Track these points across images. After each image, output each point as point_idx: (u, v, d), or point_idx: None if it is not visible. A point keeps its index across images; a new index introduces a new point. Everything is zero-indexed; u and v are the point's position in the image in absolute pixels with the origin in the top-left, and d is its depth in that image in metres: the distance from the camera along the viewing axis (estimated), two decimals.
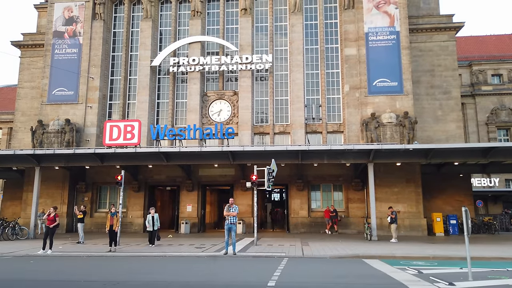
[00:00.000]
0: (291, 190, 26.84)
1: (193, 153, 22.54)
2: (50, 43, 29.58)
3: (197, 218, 27.11)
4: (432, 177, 26.45)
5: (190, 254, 15.39)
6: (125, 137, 23.06)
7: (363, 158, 22.08)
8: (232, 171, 26.75)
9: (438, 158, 22.48)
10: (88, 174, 28.13)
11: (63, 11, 29.93)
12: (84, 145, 27.56)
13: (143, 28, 29.88)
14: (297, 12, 28.75)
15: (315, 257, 14.72)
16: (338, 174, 26.27)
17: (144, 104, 28.76)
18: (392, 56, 26.82)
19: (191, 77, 28.79)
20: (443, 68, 29.80)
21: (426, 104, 29.31)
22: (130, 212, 27.53)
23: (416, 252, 15.50)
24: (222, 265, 13.13)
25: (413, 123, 25.52)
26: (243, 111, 27.92)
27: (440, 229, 24.40)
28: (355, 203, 26.19)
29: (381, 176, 24.44)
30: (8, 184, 31.17)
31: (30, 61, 32.60)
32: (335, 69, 28.70)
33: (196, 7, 29.48)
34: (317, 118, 28.04)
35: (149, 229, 18.14)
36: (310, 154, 22.54)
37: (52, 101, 28.83)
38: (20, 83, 32.68)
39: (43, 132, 27.90)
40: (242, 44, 28.77)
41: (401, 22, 27.14)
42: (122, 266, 13.15)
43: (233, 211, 15.18)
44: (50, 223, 16.46)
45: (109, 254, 15.68)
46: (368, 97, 26.60)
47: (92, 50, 29.40)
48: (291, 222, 26.55)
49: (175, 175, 27.14)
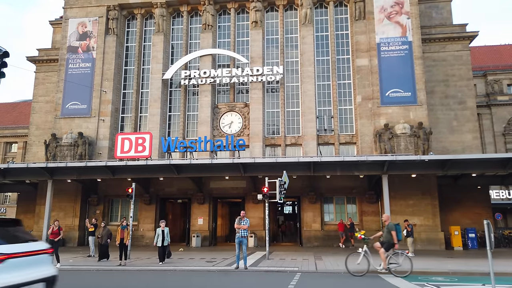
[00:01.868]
0: (303, 203, 26.40)
1: (204, 165, 22.39)
2: (64, 58, 30.10)
3: (208, 231, 26.82)
4: (449, 189, 25.75)
5: (201, 269, 15.07)
6: (136, 149, 23.11)
7: (377, 169, 21.59)
8: (244, 183, 26.49)
9: (455, 169, 21.85)
10: (100, 187, 28.18)
11: (77, 26, 30.51)
12: (97, 158, 27.69)
13: (155, 42, 30.21)
14: (307, 24, 28.74)
15: (329, 272, 14.26)
16: (351, 186, 25.77)
17: (155, 117, 28.88)
18: (405, 66, 26.48)
19: (202, 90, 28.87)
20: (457, 78, 29.30)
21: (441, 114, 28.76)
22: (142, 225, 27.39)
23: (434, 267, 14.90)
24: (233, 280, 12.79)
25: (427, 134, 24.99)
26: (254, 123, 27.79)
27: (459, 243, 23.61)
28: (369, 216, 25.59)
29: (396, 188, 23.87)
30: (21, 197, 31.45)
31: (45, 76, 33.20)
32: (347, 80, 28.46)
33: (207, 21, 29.74)
34: (329, 130, 27.72)
35: (159, 245, 16.42)
36: (322, 166, 22.17)
37: (65, 115, 29.17)
38: (35, 98, 33.25)
39: (57, 146, 28.17)
40: (253, 56, 28.82)
41: (413, 32, 26.86)
42: (131, 281, 12.92)
43: (244, 224, 14.87)
44: (55, 236, 16.38)
45: (119, 268, 15.48)
46: (381, 107, 26.23)
47: (105, 64, 29.79)
48: (303, 235, 26.04)
49: (186, 187, 26.99)
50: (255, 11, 29.24)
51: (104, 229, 18.18)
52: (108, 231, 18.21)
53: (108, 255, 17.95)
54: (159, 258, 16.55)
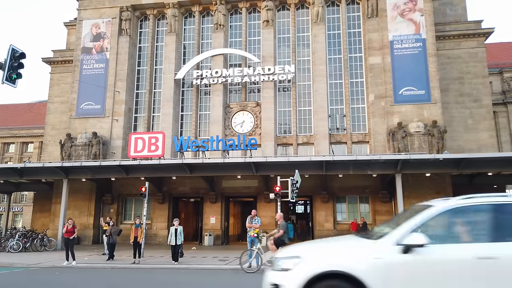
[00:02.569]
0: (316, 202, 26.29)
1: (216, 165, 22.49)
2: (78, 59, 30.55)
3: (220, 230, 26.93)
4: (464, 188, 25.09)
5: (214, 267, 15.16)
6: (149, 149, 23.35)
7: (391, 168, 21.38)
8: (255, 183, 26.51)
9: (470, 168, 21.50)
10: (114, 186, 28.54)
11: (91, 27, 30.93)
12: (110, 158, 28.03)
13: (167, 42, 30.43)
14: (319, 23, 28.60)
15: None
16: (364, 186, 25.56)
17: (168, 116, 29.10)
18: (419, 64, 26.15)
19: (214, 89, 28.97)
20: (472, 76, 28.81)
21: (456, 112, 28.32)
22: (155, 223, 27.64)
23: None
24: (245, 279, 12.82)
25: (442, 132, 24.63)
26: (266, 122, 27.78)
27: None
28: (383, 216, 25.33)
29: (410, 187, 23.59)
30: (37, 196, 32.03)
31: (59, 76, 33.76)
32: (359, 78, 28.24)
33: (219, 20, 29.83)
34: (342, 128, 27.54)
35: (172, 244, 16.12)
36: (335, 165, 22.04)
37: (80, 115, 29.61)
38: (50, 98, 33.82)
39: (72, 145, 28.61)
40: (265, 55, 28.80)
41: (427, 29, 26.50)
42: (145, 278, 13.06)
43: (255, 223, 14.88)
44: (69, 234, 16.43)
45: (133, 266, 15.65)
46: (394, 106, 25.96)
47: (118, 65, 30.14)
48: (316, 234, 25.91)
49: (199, 186, 27.13)
50: (266, 10, 29.21)
51: (113, 228, 17.87)
52: (117, 229, 18.09)
53: (113, 255, 17.40)
54: (172, 257, 16.28)
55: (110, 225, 18.24)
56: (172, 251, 16.18)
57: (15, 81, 10.53)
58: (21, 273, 14.20)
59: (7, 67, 10.31)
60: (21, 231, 26.04)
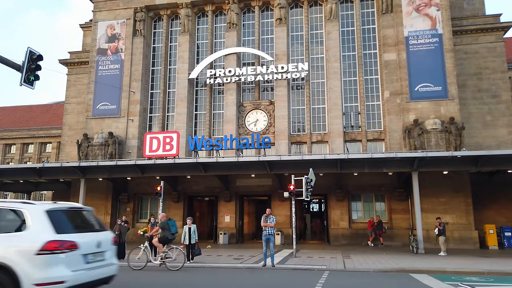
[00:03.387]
0: (331, 201, 26.11)
1: (230, 163, 22.55)
2: (94, 60, 31.01)
3: (235, 228, 27.00)
4: (483, 186, 24.77)
5: (229, 266, 15.19)
6: (164, 148, 23.56)
7: (407, 166, 21.06)
8: (269, 181, 26.48)
9: (489, 165, 21.01)
10: (130, 185, 28.90)
11: (106, 29, 31.35)
12: (126, 157, 28.40)
13: (181, 42, 30.63)
14: (333, 19, 28.35)
15: (357, 270, 14.05)
16: (380, 184, 25.25)
17: (182, 116, 29.30)
18: (435, 59, 25.68)
19: (227, 88, 29.04)
20: (491, 71, 28.15)
21: (474, 109, 27.72)
22: None
23: (468, 266, 14.40)
24: (261, 277, 12.82)
25: (460, 129, 24.15)
26: (280, 121, 27.71)
27: (494, 241, 22.70)
28: (399, 214, 25.02)
29: (427, 186, 23.22)
30: (56, 196, 32.66)
31: (76, 78, 34.34)
32: (374, 75, 27.90)
33: (232, 19, 29.86)
34: (356, 126, 27.27)
35: (186, 243, 15.84)
36: (349, 163, 21.83)
37: (96, 115, 30.07)
38: (67, 99, 34.44)
39: (88, 145, 29.09)
40: (278, 53, 28.71)
41: (443, 24, 26.00)
42: (160, 277, 13.17)
43: (270, 222, 14.86)
44: None
45: (149, 264, 15.78)
46: (410, 103, 25.56)
47: (133, 65, 30.48)
48: (331, 233, 25.77)
49: (213, 185, 27.25)
50: (279, 8, 29.11)
51: (122, 226, 17.53)
52: (127, 228, 17.77)
53: (124, 253, 17.00)
54: (186, 257, 15.67)
55: (120, 224, 17.74)
56: (187, 250, 15.84)
57: (33, 82, 10.74)
58: None
59: (25, 69, 10.52)
60: None
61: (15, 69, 10.70)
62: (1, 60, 10.70)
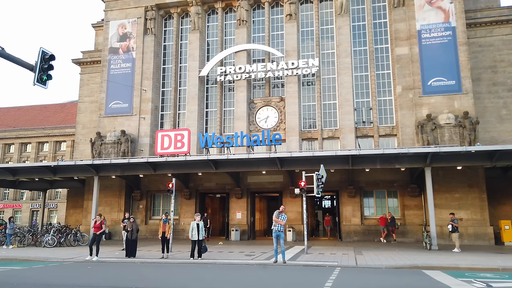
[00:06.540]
0: (342, 197, 25.97)
1: (241, 160, 22.59)
2: (106, 59, 31.35)
3: (246, 225, 27.09)
4: (498, 181, 24.34)
5: (240, 262, 15.27)
6: (175, 146, 23.72)
7: (420, 162, 20.80)
8: (281, 178, 26.46)
9: (504, 160, 20.59)
10: (142, 182, 29.22)
11: (118, 28, 31.64)
12: (138, 155, 28.71)
13: (191, 40, 30.73)
14: (343, 14, 28.08)
15: (369, 267, 13.97)
16: (392, 180, 25.01)
17: (193, 113, 29.45)
18: (448, 53, 25.25)
19: (238, 85, 29.06)
20: (506, 64, 27.55)
21: (488, 103, 27.20)
22: (182, 219, 28.12)
23: (483, 263, 14.19)
24: (272, 273, 12.86)
25: (474, 124, 23.73)
26: (290, 117, 27.62)
27: (510, 237, 22.33)
28: (412, 210, 24.76)
29: (440, 181, 22.92)
30: (71, 193, 33.23)
31: (89, 77, 34.79)
32: (386, 70, 27.58)
33: (242, 16, 29.83)
34: (368, 122, 27.03)
35: (193, 239, 15.59)
36: (361, 159, 21.66)
37: (109, 114, 30.43)
38: (81, 98, 34.92)
39: (101, 143, 29.48)
40: (288, 49, 28.59)
41: (457, 17, 25.52)
42: (173, 273, 13.32)
43: (281, 220, 14.85)
44: (97, 230, 16.70)
45: (161, 261, 15.99)
46: (423, 97, 25.21)
47: (144, 64, 30.72)
48: (343, 230, 25.65)
49: (224, 182, 27.37)
50: (289, 4, 28.95)
51: (133, 224, 17.47)
52: (137, 225, 17.81)
53: (135, 251, 17.11)
54: (191, 254, 15.80)
55: (131, 221, 17.65)
56: (192, 246, 15.79)
57: (46, 82, 10.90)
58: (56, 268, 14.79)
59: (38, 69, 10.68)
60: (56, 226, 27.14)
61: (28, 69, 10.88)
62: (14, 60, 10.90)
